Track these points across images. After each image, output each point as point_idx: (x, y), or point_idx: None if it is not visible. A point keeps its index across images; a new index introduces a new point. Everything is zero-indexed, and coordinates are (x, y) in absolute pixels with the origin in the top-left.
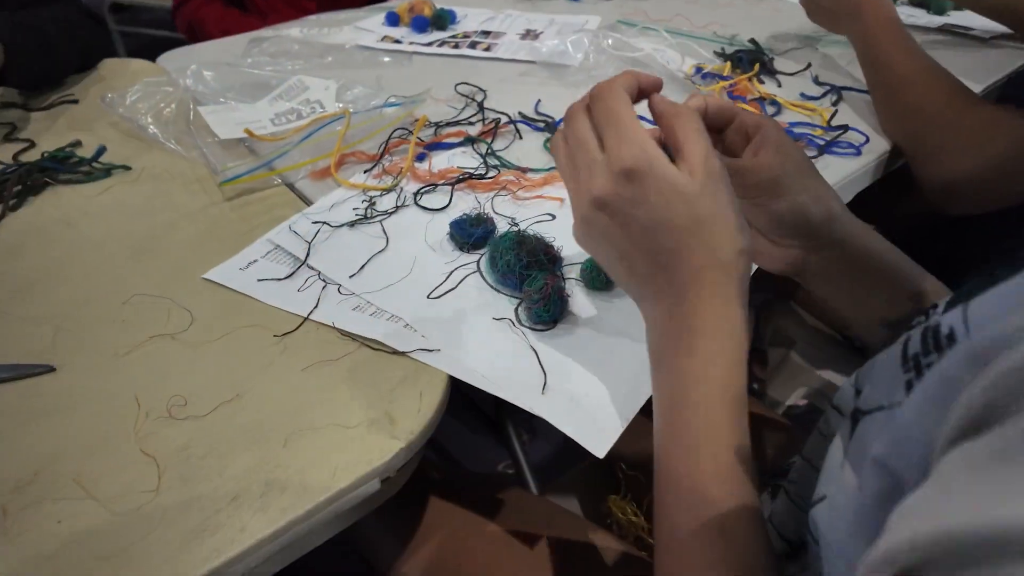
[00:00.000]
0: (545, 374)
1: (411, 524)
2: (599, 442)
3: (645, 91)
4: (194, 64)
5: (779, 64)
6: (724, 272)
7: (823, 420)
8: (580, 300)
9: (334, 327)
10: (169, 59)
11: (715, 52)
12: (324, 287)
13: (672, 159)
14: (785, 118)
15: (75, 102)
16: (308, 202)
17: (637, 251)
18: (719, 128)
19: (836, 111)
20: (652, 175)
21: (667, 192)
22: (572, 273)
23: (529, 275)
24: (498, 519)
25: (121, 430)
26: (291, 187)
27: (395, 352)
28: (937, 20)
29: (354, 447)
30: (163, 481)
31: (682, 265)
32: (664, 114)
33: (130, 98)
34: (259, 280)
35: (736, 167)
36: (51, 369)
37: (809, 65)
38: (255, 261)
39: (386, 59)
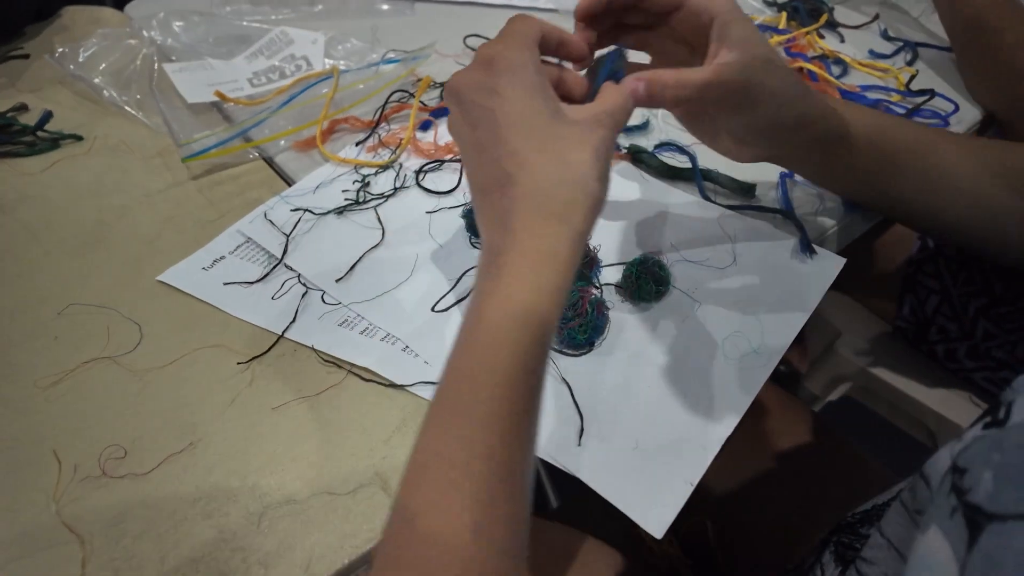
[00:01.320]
0: (581, 416)
1: None
2: (655, 514)
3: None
4: (161, 12)
5: (839, 15)
6: (565, 210)
7: (907, 490)
8: (623, 316)
9: (315, 349)
10: (137, 7)
11: (764, 1)
12: (305, 293)
13: None
14: (853, 80)
15: (25, 57)
16: (289, 181)
17: (479, 155)
18: (660, 15)
19: (916, 72)
20: (514, 70)
21: (526, 92)
22: (610, 278)
23: None
24: None
25: (38, 493)
26: (270, 162)
27: (391, 385)
28: None
29: (337, 522)
30: (87, 570)
31: (521, 180)
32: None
33: (84, 53)
34: (225, 284)
35: (696, 84)
36: None
37: (877, 16)
38: (222, 258)
39: (384, 7)
